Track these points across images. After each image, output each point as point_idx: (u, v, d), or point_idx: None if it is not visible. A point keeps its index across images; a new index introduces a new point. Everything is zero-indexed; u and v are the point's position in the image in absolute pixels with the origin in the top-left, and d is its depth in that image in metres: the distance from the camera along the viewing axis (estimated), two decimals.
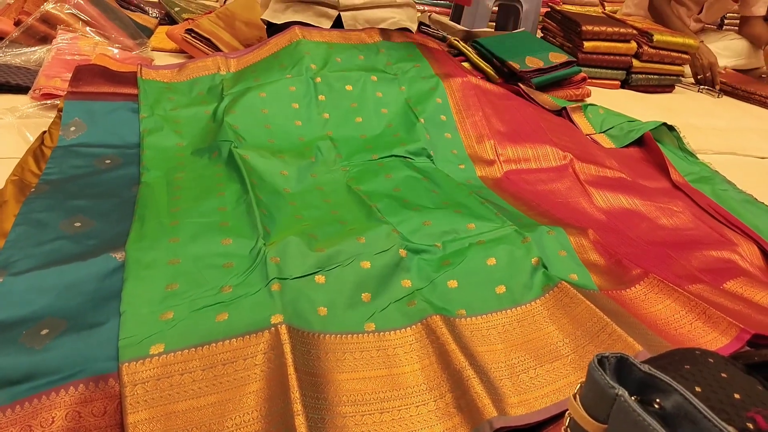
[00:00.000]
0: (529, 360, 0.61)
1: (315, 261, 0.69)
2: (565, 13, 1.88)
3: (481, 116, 1.17)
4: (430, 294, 0.69)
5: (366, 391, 0.56)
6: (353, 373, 0.58)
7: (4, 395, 0.51)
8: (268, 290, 0.63)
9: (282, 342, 0.57)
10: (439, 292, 0.70)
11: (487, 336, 0.64)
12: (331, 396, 0.55)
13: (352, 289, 0.68)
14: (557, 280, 0.71)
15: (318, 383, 0.55)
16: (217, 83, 1.12)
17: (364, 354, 0.60)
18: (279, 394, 0.53)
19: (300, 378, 0.53)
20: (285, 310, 0.61)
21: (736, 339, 0.65)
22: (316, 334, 0.61)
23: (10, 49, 1.25)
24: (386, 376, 0.58)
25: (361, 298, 0.67)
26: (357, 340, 0.62)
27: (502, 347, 0.63)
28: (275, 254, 0.68)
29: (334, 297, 0.66)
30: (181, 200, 0.79)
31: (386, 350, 0.61)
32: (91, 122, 0.99)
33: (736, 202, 1.08)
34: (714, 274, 0.83)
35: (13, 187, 0.82)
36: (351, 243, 0.72)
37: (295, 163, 0.94)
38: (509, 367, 0.60)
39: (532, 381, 0.59)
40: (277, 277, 0.65)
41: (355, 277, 0.69)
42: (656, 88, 1.91)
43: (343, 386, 0.56)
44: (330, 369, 0.58)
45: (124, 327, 0.57)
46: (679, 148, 1.31)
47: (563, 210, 0.96)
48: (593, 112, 1.40)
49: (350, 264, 0.70)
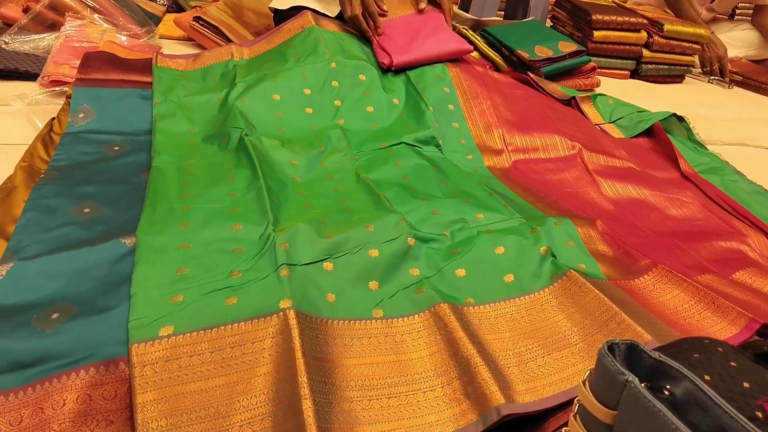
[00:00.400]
0: (537, 348, 0.61)
1: (323, 248, 0.69)
2: (575, 2, 1.86)
3: (489, 105, 1.17)
4: (438, 282, 0.69)
5: (373, 377, 0.57)
6: (361, 359, 0.58)
7: (17, 378, 0.52)
8: (277, 275, 0.64)
9: (290, 327, 0.57)
10: (447, 280, 0.70)
11: (495, 324, 0.64)
12: (338, 381, 0.55)
13: (360, 276, 0.68)
14: (566, 269, 0.70)
15: (325, 368, 0.56)
16: (230, 69, 1.12)
17: (371, 340, 0.61)
18: (287, 378, 0.53)
19: (308, 362, 0.53)
20: (293, 296, 0.61)
21: (745, 329, 0.65)
22: (324, 320, 0.61)
23: (18, 36, 1.25)
24: (394, 362, 0.59)
25: (369, 285, 0.67)
26: (365, 326, 0.62)
27: (509, 335, 0.63)
28: (284, 240, 0.68)
29: (342, 284, 0.66)
30: (192, 186, 0.80)
31: (394, 336, 0.62)
32: (99, 109, 0.99)
33: (746, 193, 1.08)
34: (723, 264, 0.83)
35: (22, 173, 0.82)
36: (359, 231, 0.73)
37: (305, 153, 0.94)
38: (517, 355, 0.60)
39: (540, 369, 0.59)
40: (286, 262, 0.65)
41: (363, 265, 0.69)
42: (666, 78, 1.90)
43: (351, 371, 0.57)
44: (338, 354, 0.58)
45: (134, 309, 0.58)
46: (689, 139, 1.30)
47: (572, 200, 0.95)
48: (602, 102, 1.40)
49: (358, 252, 0.70)
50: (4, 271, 0.61)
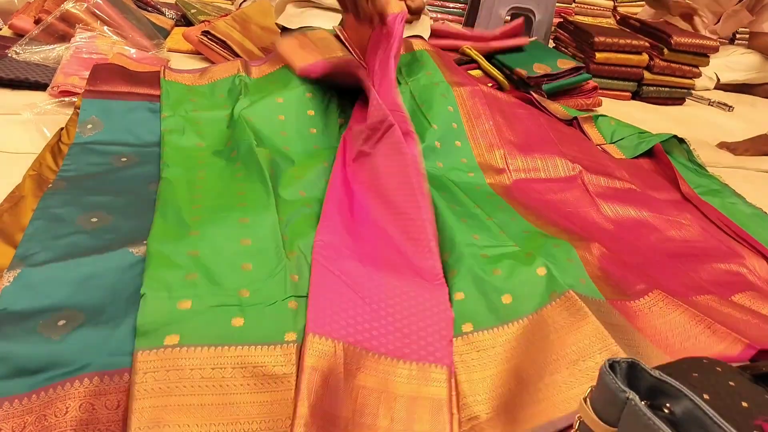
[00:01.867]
0: (534, 373, 0.62)
1: None
2: (577, 24, 1.89)
3: (492, 126, 1.18)
4: None
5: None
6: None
7: (23, 384, 0.52)
8: (285, 305, 0.64)
9: (292, 362, 0.57)
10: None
11: (494, 357, 0.65)
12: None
13: None
14: (564, 288, 0.70)
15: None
16: (237, 85, 1.13)
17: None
18: (284, 412, 0.54)
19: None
20: (299, 327, 0.61)
21: (742, 353, 0.65)
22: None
23: (29, 46, 1.27)
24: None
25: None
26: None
27: (507, 367, 0.63)
28: (295, 271, 0.69)
29: None
30: (202, 198, 0.80)
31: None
32: (107, 120, 1.00)
33: (745, 215, 1.09)
34: (722, 287, 0.84)
35: (31, 182, 0.83)
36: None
37: (310, 172, 0.94)
38: (518, 382, 0.61)
39: (537, 394, 0.59)
40: (294, 295, 0.65)
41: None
42: (667, 100, 1.92)
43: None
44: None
45: (142, 310, 0.58)
46: (689, 161, 1.31)
47: (572, 219, 0.96)
48: (604, 122, 1.41)
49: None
50: (11, 277, 0.62)
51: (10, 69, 1.18)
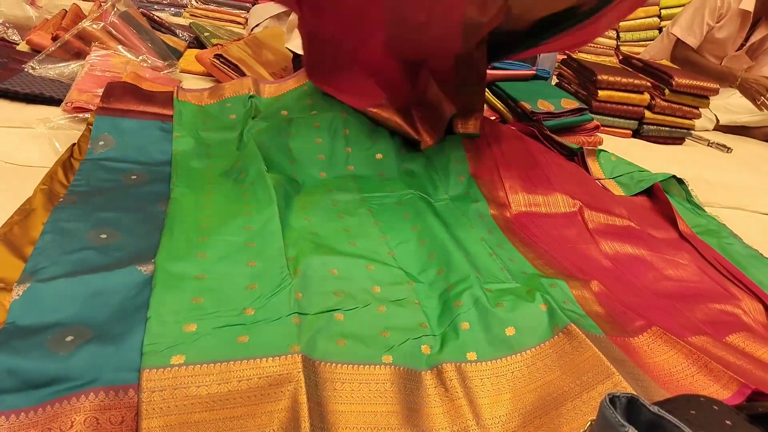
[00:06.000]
0: (536, 407, 0.63)
1: (334, 302, 0.72)
2: (581, 62, 1.93)
3: (495, 163, 1.20)
4: (445, 336, 0.72)
5: (378, 426, 0.58)
6: (365, 405, 0.60)
7: (29, 398, 0.53)
8: (289, 320, 0.66)
9: (298, 371, 0.59)
10: (453, 334, 0.72)
11: (497, 385, 0.66)
12: (341, 427, 0.57)
13: (370, 327, 0.70)
14: (566, 322, 0.72)
15: (324, 413, 0.57)
16: (248, 107, 1.16)
17: (378, 386, 0.62)
18: (291, 420, 0.54)
19: (311, 407, 0.55)
20: (303, 341, 0.63)
21: (737, 393, 0.66)
22: (331, 364, 0.63)
23: (45, 62, 1.29)
24: (397, 413, 0.60)
25: (379, 334, 0.70)
26: (372, 371, 0.64)
27: (509, 396, 0.65)
28: (299, 289, 0.71)
29: (353, 330, 0.69)
30: (209, 218, 0.82)
31: (398, 384, 0.63)
32: (119, 138, 1.02)
33: (742, 256, 1.10)
34: (717, 327, 0.85)
35: (42, 196, 0.85)
36: (367, 292, 0.75)
37: (316, 199, 0.97)
38: (521, 416, 0.62)
39: (544, 426, 0.60)
40: (298, 311, 0.67)
41: (372, 318, 0.71)
42: (667, 139, 1.95)
43: (352, 418, 0.58)
44: (342, 400, 0.60)
45: (149, 333, 0.60)
46: (687, 200, 1.33)
47: (571, 256, 0.97)
48: (605, 158, 1.43)
49: (367, 307, 0.73)
50: (20, 291, 0.63)
51: (25, 83, 1.20)
